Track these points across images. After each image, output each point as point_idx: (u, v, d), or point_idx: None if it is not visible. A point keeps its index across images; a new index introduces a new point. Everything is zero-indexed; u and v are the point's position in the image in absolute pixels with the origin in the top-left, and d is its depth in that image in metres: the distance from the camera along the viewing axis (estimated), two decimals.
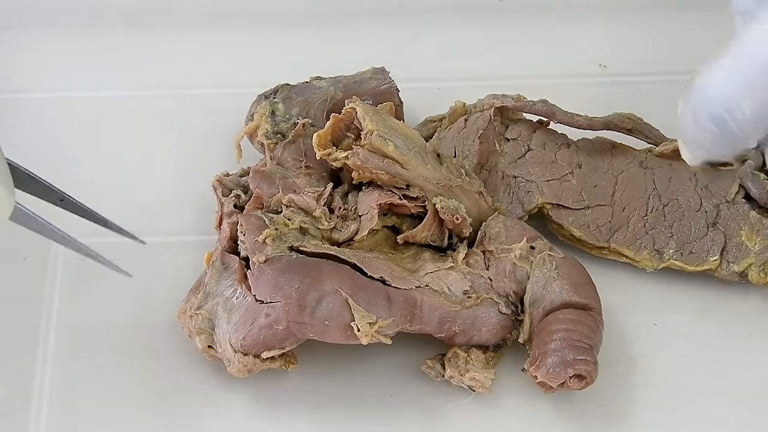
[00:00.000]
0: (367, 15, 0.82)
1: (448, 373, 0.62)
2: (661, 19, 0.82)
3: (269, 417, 0.63)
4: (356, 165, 0.62)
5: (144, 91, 0.78)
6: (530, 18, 0.82)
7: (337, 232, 0.64)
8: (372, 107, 0.64)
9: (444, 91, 0.76)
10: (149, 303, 0.67)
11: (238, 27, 0.82)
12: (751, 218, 0.67)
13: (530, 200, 0.68)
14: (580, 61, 0.80)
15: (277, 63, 0.79)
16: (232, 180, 0.68)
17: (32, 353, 0.66)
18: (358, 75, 0.73)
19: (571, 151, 0.71)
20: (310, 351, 0.63)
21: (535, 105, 0.71)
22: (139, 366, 0.65)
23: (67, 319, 0.67)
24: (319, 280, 0.60)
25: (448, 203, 0.63)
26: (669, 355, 0.65)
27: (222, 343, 0.62)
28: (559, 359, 0.59)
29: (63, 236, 0.58)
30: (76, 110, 0.77)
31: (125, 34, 0.81)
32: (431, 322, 0.61)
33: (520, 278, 0.63)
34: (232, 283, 0.62)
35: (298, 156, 0.67)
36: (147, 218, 0.71)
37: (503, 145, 0.71)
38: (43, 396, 0.64)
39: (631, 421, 0.63)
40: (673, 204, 0.68)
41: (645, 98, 0.77)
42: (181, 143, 0.75)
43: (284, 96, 0.70)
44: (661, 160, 0.70)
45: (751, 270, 0.66)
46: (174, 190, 0.72)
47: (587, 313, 0.62)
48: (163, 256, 0.70)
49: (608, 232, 0.68)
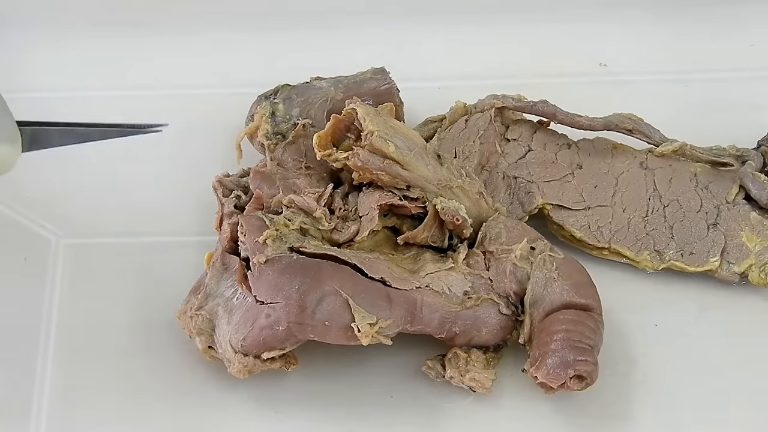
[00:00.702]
0: (367, 15, 0.81)
1: (449, 373, 0.62)
2: (661, 19, 0.82)
3: (269, 417, 0.63)
4: (357, 166, 0.62)
5: (144, 91, 0.78)
6: (530, 18, 0.82)
7: (337, 233, 0.64)
8: (372, 108, 0.64)
9: (444, 91, 0.76)
10: (149, 303, 0.67)
11: (238, 27, 0.81)
12: (751, 219, 0.67)
13: (531, 201, 0.68)
14: (580, 61, 0.80)
15: (277, 63, 0.79)
16: (233, 181, 0.68)
17: (32, 353, 0.66)
18: (359, 75, 0.73)
19: (571, 151, 0.71)
20: (310, 351, 0.63)
21: (536, 105, 0.71)
22: (139, 366, 0.65)
23: (67, 319, 0.67)
24: (320, 281, 0.60)
25: (449, 204, 0.63)
26: (669, 355, 0.65)
27: (222, 343, 0.62)
28: (560, 360, 0.59)
29: (85, 131, 0.57)
30: (76, 110, 0.77)
31: (125, 35, 0.81)
32: (432, 322, 0.61)
33: (521, 279, 0.63)
34: (232, 284, 0.62)
35: (299, 157, 0.67)
36: (147, 218, 0.71)
37: (504, 145, 0.71)
38: (43, 396, 0.64)
39: (631, 421, 0.63)
40: (673, 205, 0.68)
41: (645, 98, 0.77)
42: (181, 143, 0.75)
43: (284, 96, 0.70)
44: (662, 161, 0.70)
45: (752, 271, 0.66)
46: (174, 191, 0.72)
47: (588, 313, 0.62)
48: (163, 256, 0.70)
49: (608, 233, 0.68)
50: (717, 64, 0.79)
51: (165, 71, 0.80)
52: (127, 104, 0.77)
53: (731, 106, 0.77)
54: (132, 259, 0.70)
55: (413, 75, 0.76)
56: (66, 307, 0.68)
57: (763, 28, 0.81)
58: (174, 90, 0.79)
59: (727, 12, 0.82)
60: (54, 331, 0.67)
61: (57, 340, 0.66)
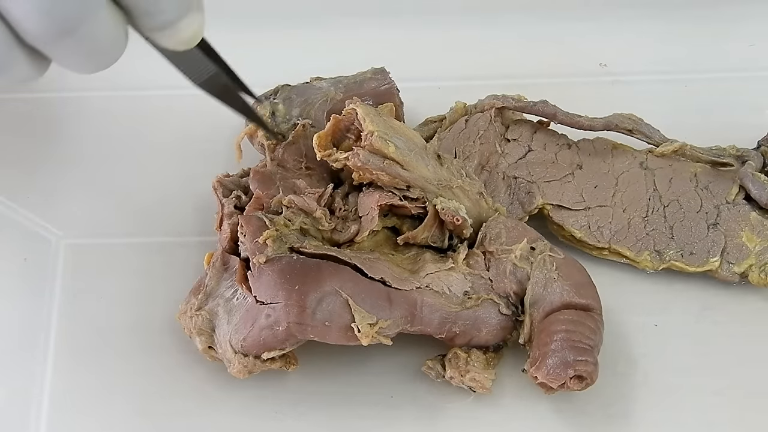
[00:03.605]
0: (367, 15, 0.81)
1: (449, 373, 0.62)
2: (662, 20, 0.82)
3: (269, 417, 0.63)
4: (357, 166, 0.62)
5: (144, 91, 0.78)
6: (530, 18, 0.82)
7: (337, 233, 0.64)
8: (372, 108, 0.64)
9: (444, 91, 0.76)
10: (149, 303, 0.67)
11: (238, 27, 0.81)
12: (751, 219, 0.67)
13: (531, 201, 0.68)
14: (580, 61, 0.80)
15: (277, 63, 0.79)
16: (233, 181, 0.68)
17: (32, 353, 0.66)
18: (359, 75, 0.73)
19: (571, 151, 0.71)
20: (310, 352, 0.63)
21: (536, 105, 0.71)
22: (139, 366, 0.65)
23: (67, 319, 0.67)
24: (320, 281, 0.60)
25: (449, 204, 0.63)
26: (669, 355, 0.65)
27: (222, 343, 0.62)
28: (560, 360, 0.59)
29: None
30: (76, 110, 0.77)
31: None
32: (432, 323, 0.61)
33: (521, 279, 0.63)
34: (232, 284, 0.62)
35: (299, 157, 0.67)
36: (147, 218, 0.71)
37: (504, 145, 0.71)
38: (43, 396, 0.64)
39: (631, 421, 0.63)
40: (673, 205, 0.68)
41: (645, 98, 0.77)
42: (181, 143, 0.75)
43: (284, 97, 0.70)
44: (662, 161, 0.70)
45: (752, 271, 0.66)
46: (174, 191, 0.72)
47: (588, 313, 0.62)
48: (163, 256, 0.70)
49: (608, 233, 0.68)
50: (717, 64, 0.79)
51: (165, 71, 0.80)
52: (127, 104, 0.77)
53: (731, 106, 0.77)
54: (132, 259, 0.70)
55: (413, 75, 0.76)
56: (66, 307, 0.68)
57: (763, 28, 0.81)
58: (174, 90, 0.78)
59: (727, 12, 0.82)
60: (54, 331, 0.67)
61: (57, 340, 0.66)
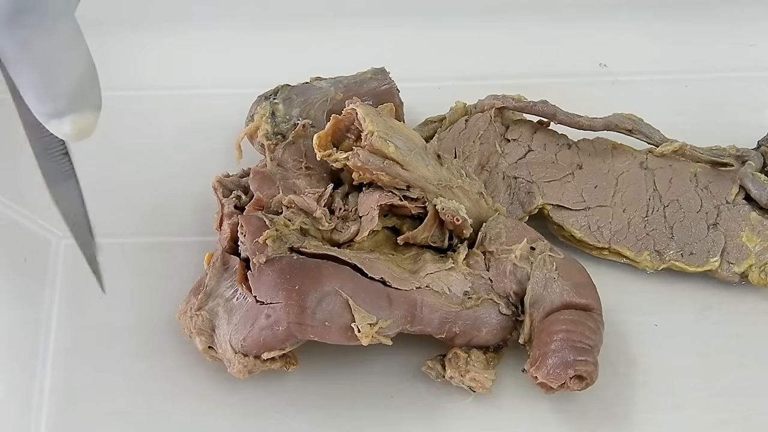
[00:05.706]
0: (367, 15, 0.81)
1: (449, 373, 0.62)
2: (661, 19, 0.82)
3: (269, 417, 0.63)
4: (357, 166, 0.62)
5: (144, 91, 0.78)
6: (530, 18, 0.82)
7: (337, 233, 0.64)
8: (372, 108, 0.64)
9: (444, 91, 0.76)
10: (149, 303, 0.67)
11: (238, 27, 0.81)
12: (751, 219, 0.67)
13: (531, 201, 0.68)
14: (580, 61, 0.80)
15: (277, 63, 0.79)
16: (233, 181, 0.68)
17: (32, 353, 0.66)
18: (359, 75, 0.73)
19: (571, 151, 0.71)
20: (310, 352, 0.63)
21: (536, 105, 0.71)
22: (139, 366, 0.65)
23: (67, 319, 0.67)
24: (320, 281, 0.60)
25: (449, 204, 0.63)
26: (669, 355, 0.65)
27: (222, 343, 0.62)
28: (560, 360, 0.59)
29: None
30: None
31: (125, 34, 0.81)
32: (432, 322, 0.61)
33: (521, 279, 0.63)
34: (232, 284, 0.62)
35: (299, 157, 0.67)
36: (147, 218, 0.71)
37: (504, 145, 0.71)
38: (43, 396, 0.64)
39: (632, 421, 0.63)
40: (673, 205, 0.68)
41: (645, 98, 0.77)
42: (181, 143, 0.75)
43: (284, 97, 0.70)
44: (662, 161, 0.70)
45: (752, 271, 0.66)
46: (174, 191, 0.72)
47: (588, 313, 0.62)
48: (163, 256, 0.70)
49: (608, 233, 0.68)
50: (717, 64, 0.80)
51: (165, 71, 0.80)
52: (127, 104, 0.77)
53: (731, 106, 0.77)
54: (132, 259, 0.70)
55: (413, 75, 0.76)
56: (66, 307, 0.68)
57: (762, 28, 0.81)
58: (174, 90, 0.79)
59: (727, 12, 0.82)
60: (54, 331, 0.67)
61: (57, 340, 0.66)
